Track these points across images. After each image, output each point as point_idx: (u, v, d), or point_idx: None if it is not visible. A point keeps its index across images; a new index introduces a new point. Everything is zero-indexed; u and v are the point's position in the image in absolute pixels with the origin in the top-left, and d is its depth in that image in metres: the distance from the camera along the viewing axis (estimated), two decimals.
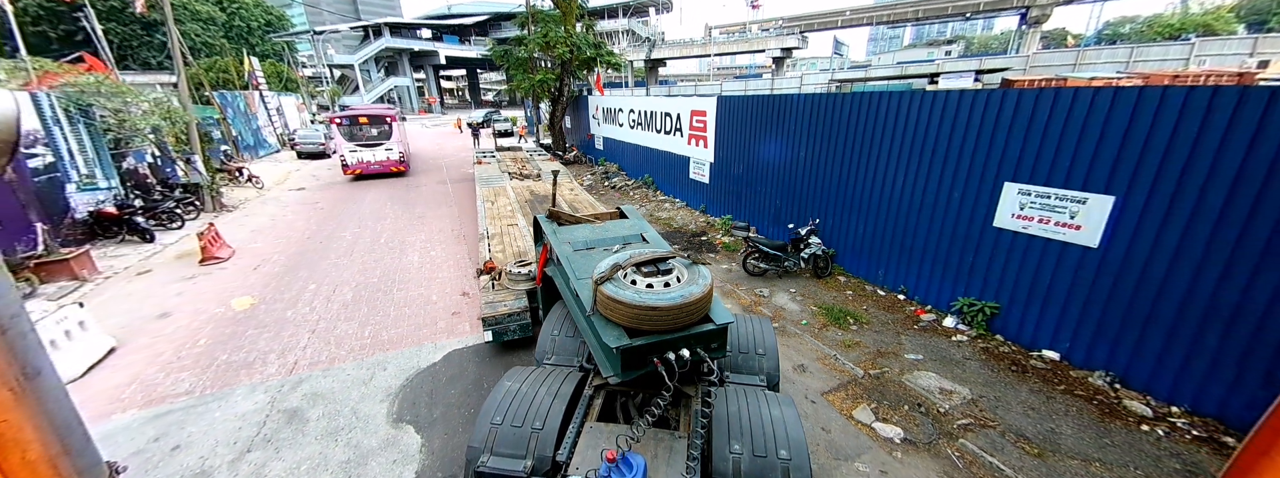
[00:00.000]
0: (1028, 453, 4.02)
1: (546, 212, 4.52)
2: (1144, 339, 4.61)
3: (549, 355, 3.68)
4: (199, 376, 5.16)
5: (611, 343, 2.67)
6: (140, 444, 4.17)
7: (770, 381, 3.51)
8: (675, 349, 2.69)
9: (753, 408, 2.85)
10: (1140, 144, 4.38)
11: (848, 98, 7.37)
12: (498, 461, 2.62)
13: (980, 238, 5.83)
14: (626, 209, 4.61)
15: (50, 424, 0.98)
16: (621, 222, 4.46)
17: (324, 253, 9.07)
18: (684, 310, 2.65)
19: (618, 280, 2.83)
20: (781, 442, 2.62)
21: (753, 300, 7.04)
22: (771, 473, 2.52)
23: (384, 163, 16.38)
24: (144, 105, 11.46)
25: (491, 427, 2.75)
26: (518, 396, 2.91)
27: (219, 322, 6.37)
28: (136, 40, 40.79)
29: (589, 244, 3.86)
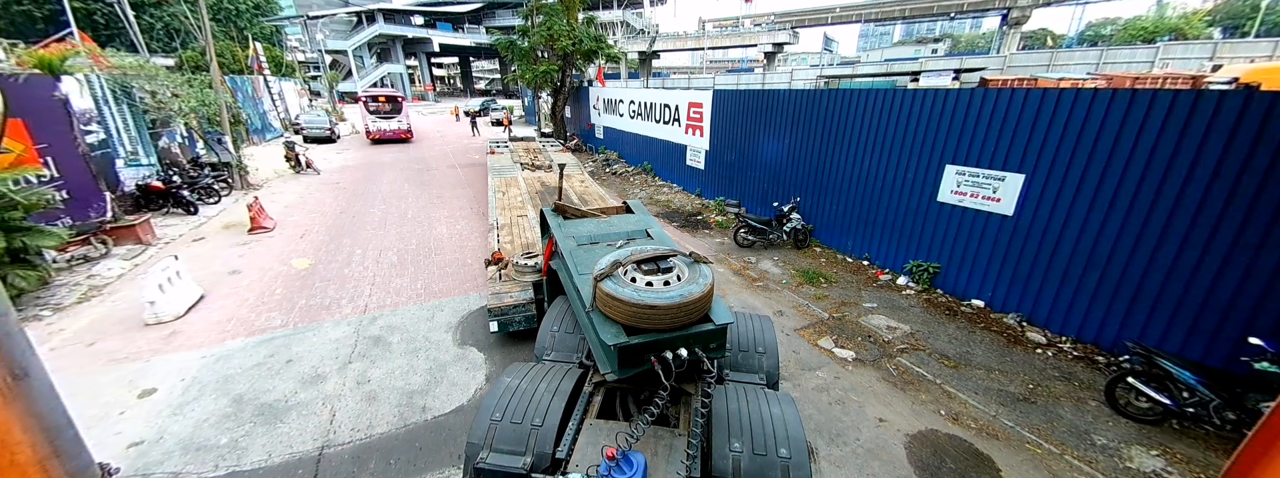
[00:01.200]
0: (946, 366, 5.34)
1: (552, 205, 4.56)
2: (1044, 286, 5.95)
3: (549, 352, 3.66)
4: (286, 315, 6.25)
5: (609, 340, 2.68)
6: (258, 359, 5.28)
7: (770, 379, 3.48)
8: (673, 348, 2.68)
9: (753, 406, 2.84)
10: (1043, 133, 5.67)
11: (824, 94, 8.60)
12: (497, 457, 2.61)
13: (927, 211, 7.13)
14: (633, 204, 4.58)
15: (40, 426, 0.95)
16: (627, 217, 4.43)
17: (359, 226, 10.09)
18: (683, 310, 2.63)
19: (617, 277, 2.81)
20: (781, 440, 2.61)
21: (742, 266, 8.28)
22: (771, 471, 2.51)
23: (396, 131, 22.65)
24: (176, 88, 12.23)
25: (491, 423, 2.73)
26: (517, 392, 2.90)
27: (286, 277, 7.43)
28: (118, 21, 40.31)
29: (593, 239, 3.84)
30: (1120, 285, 5.32)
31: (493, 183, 10.28)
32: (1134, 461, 3.99)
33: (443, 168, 16.79)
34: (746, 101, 10.64)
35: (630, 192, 13.74)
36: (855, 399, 4.79)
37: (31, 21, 33.58)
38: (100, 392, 4.70)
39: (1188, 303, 4.76)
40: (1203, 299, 4.66)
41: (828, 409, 4.64)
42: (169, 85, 12.07)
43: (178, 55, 28.01)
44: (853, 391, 4.92)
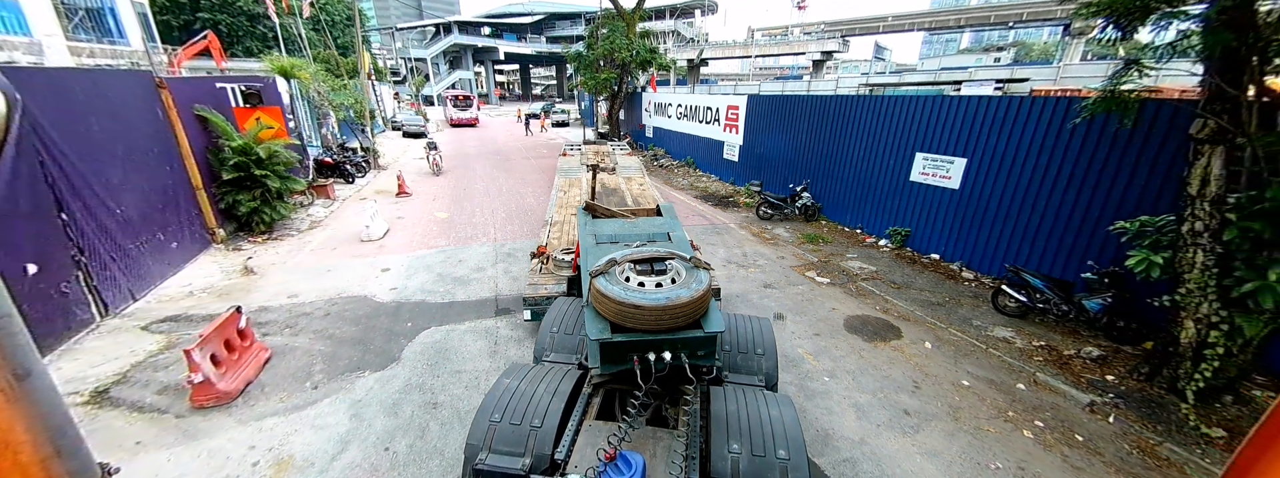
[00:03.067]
0: (892, 288, 7.65)
1: (583, 204, 4.66)
2: (976, 239, 8.12)
3: (548, 352, 3.67)
4: (447, 240, 9.44)
5: (592, 335, 2.71)
6: (442, 259, 8.41)
7: (769, 380, 3.47)
8: (657, 350, 2.69)
9: (751, 408, 2.84)
10: (978, 128, 7.89)
11: (831, 99, 11.00)
12: (496, 458, 2.62)
13: (902, 189, 9.38)
14: (665, 207, 4.62)
15: (42, 426, 0.96)
16: (654, 219, 4.44)
17: (470, 196, 13.42)
18: (667, 312, 2.62)
19: (612, 275, 2.84)
20: (780, 441, 2.62)
21: (760, 230, 10.77)
22: (769, 473, 2.51)
23: (468, 118, 34.19)
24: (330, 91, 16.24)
25: (490, 424, 2.74)
26: (516, 393, 2.90)
27: (435, 223, 10.71)
28: (242, 30, 47.68)
29: (614, 238, 3.89)
30: (1016, 231, 7.46)
31: (558, 183, 10.77)
32: (994, 331, 6.25)
33: (519, 160, 20.24)
34: (773, 105, 13.15)
35: (674, 181, 16.46)
36: (820, 299, 7.26)
37: (169, 30, 40.77)
38: (358, 270, 7.94)
39: (1053, 241, 6.89)
40: (1061, 237, 6.79)
41: (799, 302, 7.13)
42: (329, 88, 16.08)
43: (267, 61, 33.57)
44: (820, 296, 7.39)
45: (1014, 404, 4.86)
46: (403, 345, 5.64)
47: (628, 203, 7.88)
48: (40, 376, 0.98)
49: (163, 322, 6.05)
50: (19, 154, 4.99)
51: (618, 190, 9.46)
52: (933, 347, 5.95)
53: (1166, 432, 4.40)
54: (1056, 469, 4.03)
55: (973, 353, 5.82)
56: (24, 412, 0.93)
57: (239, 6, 41.41)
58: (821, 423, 4.53)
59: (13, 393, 0.91)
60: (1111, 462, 4.11)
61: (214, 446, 4.04)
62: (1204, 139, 4.06)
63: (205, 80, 9.78)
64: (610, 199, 8.12)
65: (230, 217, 9.01)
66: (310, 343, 5.65)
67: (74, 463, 1.05)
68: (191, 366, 4.31)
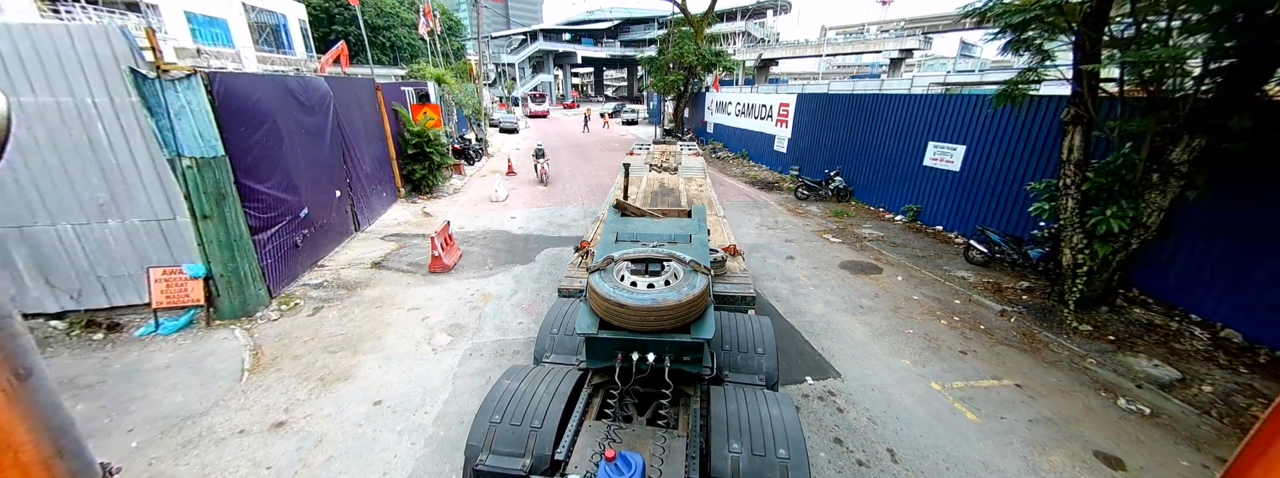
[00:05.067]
0: (891, 246, 9.69)
1: (615, 202, 4.70)
2: (970, 212, 9.87)
3: (548, 353, 3.70)
4: (550, 203, 12.77)
5: (579, 329, 2.78)
6: (547, 214, 11.68)
7: (769, 380, 3.48)
8: (641, 351, 2.71)
9: (751, 408, 2.85)
10: (975, 119, 9.66)
11: (865, 97, 12.94)
12: (496, 459, 2.63)
13: (917, 172, 11.22)
14: (695, 210, 4.63)
15: (43, 426, 0.97)
16: (680, 221, 4.47)
17: (560, 177, 16.83)
18: (652, 313, 2.60)
19: (608, 272, 2.86)
20: (780, 441, 2.63)
21: (795, 207, 12.99)
22: (769, 472, 2.52)
23: (541, 111, 44.97)
24: (459, 94, 20.49)
25: (490, 425, 2.75)
26: (517, 394, 2.91)
27: (540, 192, 14.13)
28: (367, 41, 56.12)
29: (635, 237, 3.90)
30: (994, 202, 9.19)
31: (619, 180, 10.93)
32: (956, 273, 8.21)
33: (595, 151, 23.64)
34: (818, 102, 15.19)
35: (728, 170, 18.86)
36: (827, 250, 9.52)
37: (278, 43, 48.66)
38: (495, 217, 11.40)
39: (1017, 208, 8.59)
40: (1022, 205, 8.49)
41: (809, 251, 9.44)
42: (459, 90, 20.37)
43: (408, 68, 39.74)
44: (828, 248, 9.64)
45: (944, 309, 6.97)
46: (534, 254, 8.86)
47: (681, 203, 8.18)
48: (41, 376, 0.97)
49: (389, 237, 9.77)
50: (336, 126, 8.76)
51: (674, 191, 9.71)
52: (902, 279, 8.08)
53: (1047, 326, 6.34)
54: (953, 338, 6.19)
55: (932, 284, 7.88)
56: (25, 412, 0.92)
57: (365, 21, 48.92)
58: (799, 305, 6.99)
59: (14, 393, 0.90)
60: (997, 339, 6.18)
61: (447, 287, 7.37)
62: (1068, 121, 5.98)
63: (395, 85, 13.87)
64: (665, 199, 8.48)
65: (407, 180, 12.95)
66: (480, 250, 9.04)
67: (75, 463, 1.04)
68: (433, 246, 7.71)
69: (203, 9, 26.52)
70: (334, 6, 47.04)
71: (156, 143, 5.46)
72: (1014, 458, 4.18)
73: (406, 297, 7.01)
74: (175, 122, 5.37)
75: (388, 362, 5.36)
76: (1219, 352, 5.66)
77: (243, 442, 4.13)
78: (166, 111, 5.33)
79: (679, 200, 8.73)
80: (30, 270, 5.64)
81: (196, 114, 5.43)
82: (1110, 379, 5.32)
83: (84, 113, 5.30)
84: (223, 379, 4.95)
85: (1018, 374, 5.41)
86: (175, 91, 5.31)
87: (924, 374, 5.37)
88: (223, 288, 5.98)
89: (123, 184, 5.59)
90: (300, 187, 7.34)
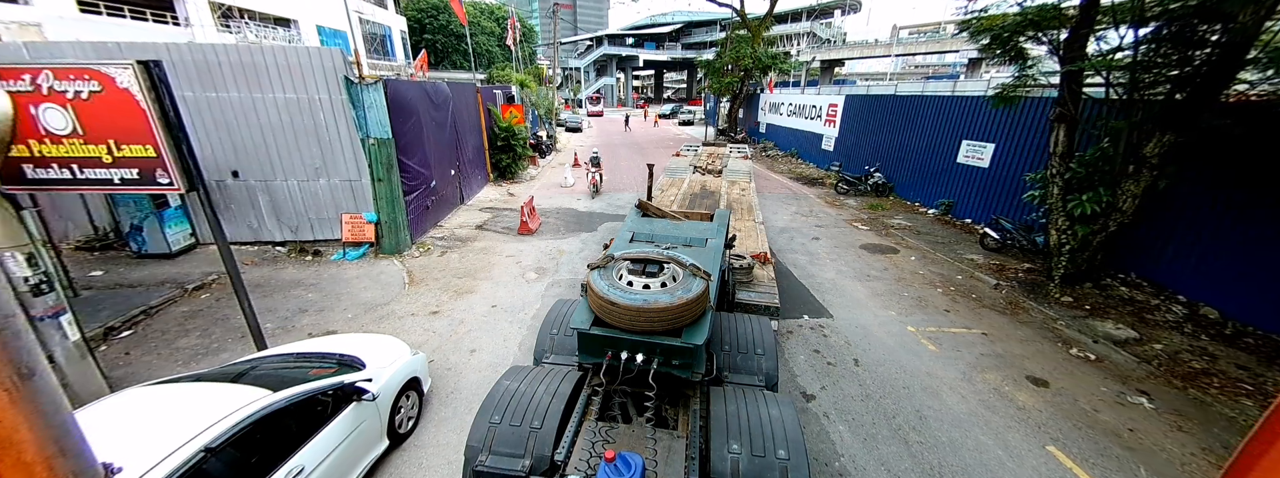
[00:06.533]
0: (914, 234, 10.67)
1: (637, 202, 4.72)
2: (994, 206, 10.61)
3: (548, 354, 3.72)
4: (608, 189, 14.79)
5: (573, 323, 2.82)
6: (607, 200, 13.71)
7: (769, 381, 3.48)
8: (631, 350, 2.73)
9: (751, 408, 2.86)
10: (1001, 120, 10.42)
11: (907, 98, 13.79)
12: (496, 460, 2.64)
13: (950, 168, 12.01)
14: (719, 213, 4.53)
15: (45, 426, 0.97)
16: (698, 224, 4.39)
17: (619, 168, 18.89)
18: (642, 314, 2.61)
19: (607, 270, 2.88)
20: (779, 442, 2.65)
21: (833, 200, 14.09)
22: (769, 473, 2.53)
23: (598, 110, 51.39)
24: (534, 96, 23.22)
25: (490, 426, 2.76)
26: (516, 394, 2.92)
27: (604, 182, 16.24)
28: (451, 48, 61.82)
29: (650, 238, 3.93)
30: (1016, 195, 9.87)
31: (660, 181, 10.93)
32: (968, 256, 9.16)
33: (649, 147, 25.56)
34: (864, 103, 16.08)
35: (775, 167, 20.02)
36: (852, 234, 10.71)
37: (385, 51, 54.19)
38: (566, 198, 13.60)
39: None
40: None
41: (835, 234, 10.68)
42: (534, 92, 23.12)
43: (489, 73, 43.81)
44: (854, 233, 10.82)
45: (943, 282, 8.08)
46: (597, 225, 10.90)
47: (719, 207, 8.21)
48: (44, 376, 0.97)
49: (485, 209, 12.21)
50: (453, 121, 11.27)
51: (715, 193, 9.70)
52: (915, 259, 9.18)
53: (1033, 298, 7.31)
54: (942, 301, 7.35)
55: (942, 264, 8.93)
56: (28, 412, 0.93)
57: (451, 29, 54.05)
58: (813, 271, 8.38)
59: (17, 393, 0.91)
60: (982, 304, 7.27)
61: (532, 244, 9.52)
62: (1054, 119, 6.93)
63: (489, 87, 16.55)
64: (704, 202, 8.58)
65: (495, 167, 15.53)
66: (554, 221, 11.22)
67: (77, 463, 1.04)
68: (521, 212, 9.94)
69: (329, 23, 31.50)
70: (424, 17, 52.48)
71: (354, 127, 7.98)
72: (954, 372, 5.48)
73: (504, 248, 9.23)
74: (367, 112, 7.85)
75: (497, 285, 7.51)
76: (1189, 324, 6.44)
77: (415, 320, 6.36)
78: (362, 105, 7.82)
79: (717, 203, 8.77)
80: (268, 211, 8.41)
81: (378, 108, 7.88)
82: (1071, 336, 6.33)
83: (312, 104, 7.91)
84: (393, 288, 7.31)
85: (988, 327, 6.55)
86: (367, 92, 7.78)
87: (904, 321, 6.67)
88: (385, 231, 8.45)
89: (331, 154, 8.20)
90: (432, 164, 9.81)
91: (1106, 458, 4.25)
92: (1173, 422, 4.73)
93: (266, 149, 8.08)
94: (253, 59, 7.51)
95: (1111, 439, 4.47)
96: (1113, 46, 6.29)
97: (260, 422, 2.86)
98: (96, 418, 2.78)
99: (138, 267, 7.59)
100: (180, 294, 6.75)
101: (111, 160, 4.18)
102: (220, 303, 6.61)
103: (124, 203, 7.63)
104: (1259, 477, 1.04)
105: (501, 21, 69.91)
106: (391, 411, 4.00)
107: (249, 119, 7.82)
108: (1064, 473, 4.08)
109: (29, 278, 4.25)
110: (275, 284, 7.25)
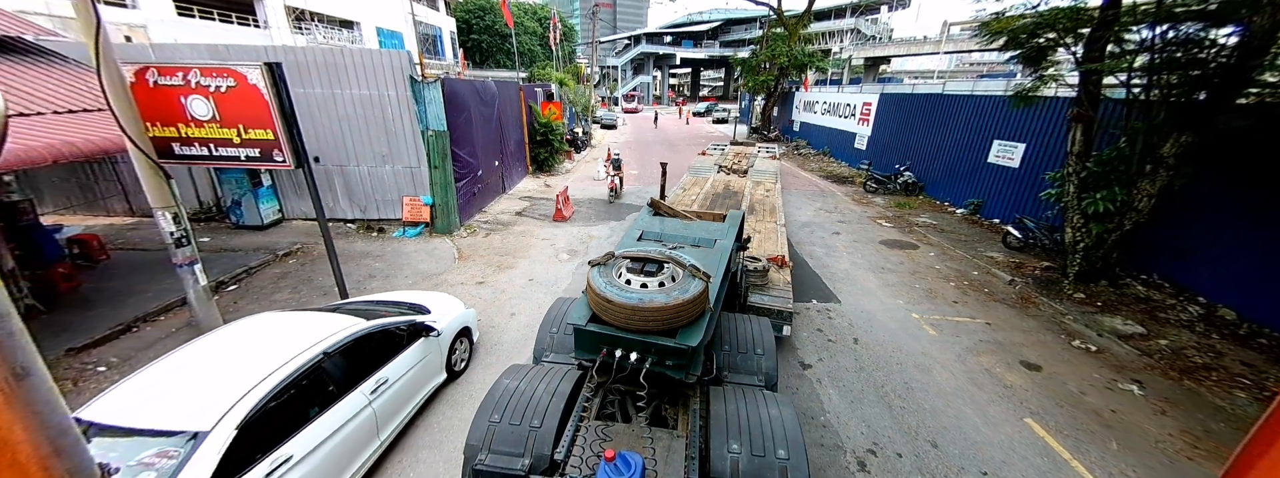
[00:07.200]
0: (938, 232, 10.81)
1: (650, 201, 4.79)
2: (1022, 206, 10.59)
3: (548, 353, 3.73)
4: (640, 183, 15.51)
5: (570, 318, 2.83)
6: (636, 189, 14.43)
7: (769, 380, 3.50)
8: (626, 349, 2.73)
9: (751, 408, 2.88)
10: (1033, 120, 10.39)
11: (940, 97, 13.76)
12: (496, 459, 2.65)
13: (981, 168, 11.99)
14: (732, 214, 4.57)
15: (40, 426, 0.96)
16: (709, 224, 4.45)
17: (649, 164, 19.58)
18: (636, 312, 2.61)
19: (606, 267, 2.89)
20: (779, 442, 2.66)
21: (861, 198, 14.26)
22: (769, 473, 2.54)
23: (633, 108, 53.61)
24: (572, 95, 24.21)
25: (490, 425, 2.77)
26: (516, 393, 2.93)
27: (630, 175, 16.99)
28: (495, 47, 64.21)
29: (659, 237, 3.93)
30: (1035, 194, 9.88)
31: (684, 180, 11.15)
32: (988, 254, 9.29)
33: (681, 144, 26.10)
34: (897, 102, 16.06)
35: (806, 165, 20.15)
36: (874, 230, 10.97)
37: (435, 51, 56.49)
38: (599, 189, 14.42)
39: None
40: None
41: (857, 230, 10.97)
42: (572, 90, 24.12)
43: (530, 71, 45.37)
44: (876, 229, 11.07)
45: (957, 276, 8.32)
46: (624, 215, 11.64)
47: (741, 207, 8.28)
48: (39, 375, 0.96)
49: (524, 198, 13.20)
50: (498, 116, 12.28)
51: (737, 194, 9.76)
52: (934, 255, 9.40)
53: (1046, 293, 7.47)
54: (953, 293, 7.63)
55: (960, 260, 9.12)
56: (22, 411, 0.92)
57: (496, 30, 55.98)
58: (828, 262, 8.79)
59: (11, 393, 0.90)
60: (993, 298, 7.50)
61: (565, 230, 10.37)
62: (1072, 119, 7.05)
63: (531, 85, 17.62)
64: (726, 202, 8.71)
65: (534, 161, 16.56)
66: (586, 210, 12.06)
67: (73, 463, 1.03)
68: (557, 201, 10.81)
69: (387, 24, 33.75)
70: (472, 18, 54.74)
71: (416, 120, 9.04)
72: (949, 354, 5.86)
73: (540, 233, 10.13)
74: (427, 107, 8.88)
75: (533, 263, 8.38)
76: (1202, 323, 6.50)
77: (464, 288, 7.30)
78: (423, 101, 8.85)
79: (740, 204, 8.71)
80: (342, 193, 9.63)
81: (436, 103, 8.89)
82: (1077, 329, 6.53)
83: (382, 100, 9.02)
84: (445, 261, 8.31)
85: (994, 318, 6.83)
86: (428, 89, 8.81)
87: (910, 309, 7.04)
88: (439, 213, 9.50)
89: (396, 144, 9.31)
90: (479, 155, 10.82)
91: (1081, 431, 4.59)
92: (1158, 407, 4.97)
93: (342, 138, 9.27)
94: (335, 60, 8.68)
95: (1091, 417, 4.79)
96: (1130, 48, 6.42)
97: (358, 340, 3.75)
98: (244, 329, 3.74)
99: (236, 236, 8.95)
100: (272, 259, 7.98)
101: (240, 141, 5.26)
102: (304, 267, 7.78)
103: (227, 181, 9.00)
104: (1259, 477, 1.03)
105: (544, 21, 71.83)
106: (449, 351, 4.87)
107: (329, 112, 9.02)
108: (1036, 441, 4.47)
109: (174, 233, 5.40)
110: (347, 255, 8.39)
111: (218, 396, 2.90)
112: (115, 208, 10.06)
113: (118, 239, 8.58)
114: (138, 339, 5.75)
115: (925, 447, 4.34)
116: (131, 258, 7.83)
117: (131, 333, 5.87)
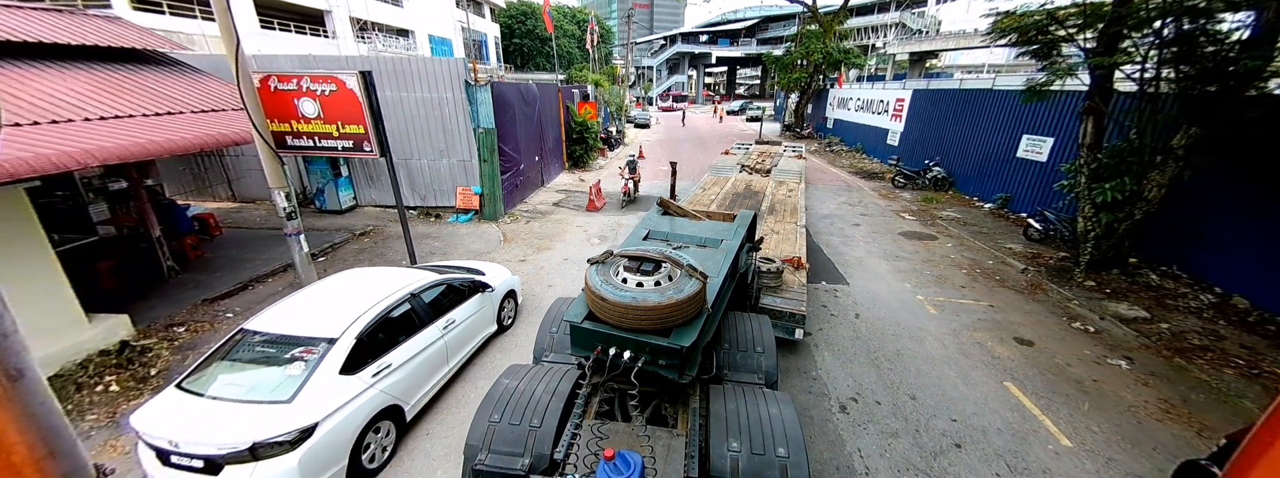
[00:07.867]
0: (960, 225, 11.00)
1: (659, 200, 4.83)
2: (1049, 200, 10.61)
3: (548, 353, 3.77)
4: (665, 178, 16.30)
5: (566, 315, 2.86)
6: (664, 185, 15.22)
7: (769, 379, 3.51)
8: (620, 347, 2.74)
9: (751, 406, 2.90)
10: (1061, 114, 10.41)
11: (971, 92, 13.79)
12: (495, 458, 2.66)
13: (1010, 163, 12.01)
14: (742, 214, 4.56)
15: (35, 427, 0.97)
16: (717, 224, 4.46)
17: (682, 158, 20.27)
18: (630, 311, 2.62)
19: (605, 266, 2.91)
20: (779, 440, 2.67)
21: (889, 193, 14.46)
22: (769, 471, 2.55)
23: (666, 107, 54.07)
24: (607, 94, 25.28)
25: (489, 425, 2.79)
26: (516, 393, 2.96)
27: (662, 170, 17.80)
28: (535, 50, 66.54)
29: (665, 236, 3.94)
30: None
31: (704, 179, 11.18)
32: (1007, 245, 9.48)
33: (712, 142, 26.64)
34: (930, 97, 16.07)
35: (837, 161, 20.29)
36: (895, 222, 11.29)
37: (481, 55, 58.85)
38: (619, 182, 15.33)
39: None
40: None
41: (877, 221, 11.32)
42: (608, 90, 25.19)
43: (568, 73, 46.91)
44: (897, 221, 11.38)
45: (970, 264, 8.63)
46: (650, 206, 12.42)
47: (762, 207, 8.43)
48: (33, 377, 0.96)
49: (560, 191, 14.31)
50: (539, 116, 13.41)
51: (758, 193, 9.72)
52: (951, 245, 9.69)
53: (1057, 281, 7.71)
54: (961, 279, 7.99)
55: (977, 250, 9.38)
56: (17, 413, 0.92)
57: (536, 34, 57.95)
58: (844, 250, 9.29)
59: (5, 394, 0.90)
60: (1001, 284, 7.81)
61: (597, 218, 11.34)
62: (1084, 112, 7.25)
63: (568, 87, 18.77)
64: (746, 202, 8.74)
65: (570, 157, 17.69)
66: (617, 201, 13.03)
67: (68, 465, 1.04)
68: (590, 193, 11.79)
69: (438, 32, 36.12)
70: (514, 23, 57.02)
71: (468, 118, 10.25)
72: (945, 329, 6.33)
73: (574, 221, 11.14)
74: (478, 107, 10.06)
75: (568, 246, 9.38)
76: (1211, 310, 6.63)
77: (508, 264, 8.35)
78: (475, 101, 10.03)
79: (760, 204, 8.62)
80: (407, 183, 11.01)
81: (486, 104, 10.05)
82: (1081, 313, 6.81)
83: (440, 102, 10.28)
84: (492, 242, 9.45)
85: (998, 301, 7.19)
86: (479, 91, 9.97)
87: (915, 292, 7.49)
88: (486, 202, 10.69)
89: (451, 140, 10.57)
90: (521, 151, 11.97)
91: (1057, 395, 5.03)
92: (1141, 379, 5.31)
93: (407, 135, 10.61)
94: (403, 67, 10.01)
95: (1071, 384, 5.21)
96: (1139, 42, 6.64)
97: (433, 287, 4.79)
98: (347, 278, 4.86)
99: (320, 218, 10.46)
100: (351, 237, 9.37)
101: (338, 134, 6.48)
102: (377, 244, 9.11)
103: (313, 172, 10.53)
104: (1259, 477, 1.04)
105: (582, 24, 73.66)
106: (499, 308, 5.88)
107: (396, 112, 10.36)
108: (1010, 399, 4.96)
109: (286, 208, 6.70)
110: (411, 235, 9.67)
111: (342, 315, 3.98)
112: (220, 194, 11.88)
113: (226, 220, 10.25)
114: (253, 295, 7.12)
115: (904, 399, 4.93)
116: (238, 234, 9.42)
117: (248, 290, 7.27)
